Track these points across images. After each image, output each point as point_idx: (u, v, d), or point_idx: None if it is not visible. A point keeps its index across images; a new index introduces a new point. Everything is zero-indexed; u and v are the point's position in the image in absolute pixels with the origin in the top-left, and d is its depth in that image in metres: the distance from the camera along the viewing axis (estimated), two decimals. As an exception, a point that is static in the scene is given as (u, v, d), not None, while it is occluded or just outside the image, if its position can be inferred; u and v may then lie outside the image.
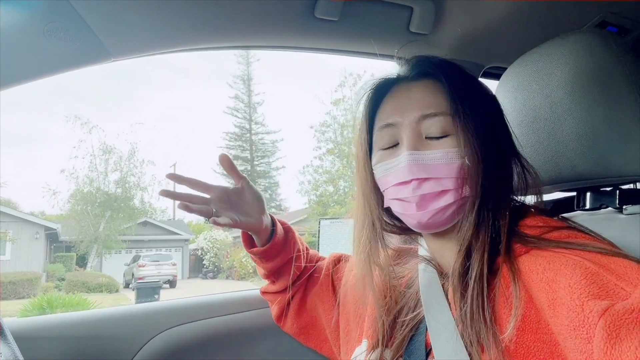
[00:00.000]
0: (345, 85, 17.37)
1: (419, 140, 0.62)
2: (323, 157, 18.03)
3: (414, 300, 0.68)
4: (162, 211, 20.02)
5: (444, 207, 0.61)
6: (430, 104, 0.63)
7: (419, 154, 0.61)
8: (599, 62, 0.66)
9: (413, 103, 0.63)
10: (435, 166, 0.60)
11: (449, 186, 0.60)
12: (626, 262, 0.51)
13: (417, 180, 0.61)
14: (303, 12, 0.86)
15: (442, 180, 0.60)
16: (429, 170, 0.60)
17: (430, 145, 0.62)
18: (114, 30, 0.76)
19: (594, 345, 0.45)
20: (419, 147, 0.61)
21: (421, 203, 0.61)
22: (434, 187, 0.60)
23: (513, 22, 0.95)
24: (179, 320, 0.95)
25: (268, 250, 0.86)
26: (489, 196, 0.60)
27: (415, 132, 0.62)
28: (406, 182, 0.61)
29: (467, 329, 0.56)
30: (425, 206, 0.61)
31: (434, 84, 0.64)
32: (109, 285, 13.06)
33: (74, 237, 15.98)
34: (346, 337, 0.80)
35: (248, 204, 0.84)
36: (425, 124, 0.62)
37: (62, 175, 16.69)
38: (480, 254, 0.59)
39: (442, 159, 0.60)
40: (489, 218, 0.60)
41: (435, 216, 0.61)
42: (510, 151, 0.66)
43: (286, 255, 0.89)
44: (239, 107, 23.33)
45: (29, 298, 10.06)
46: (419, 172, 0.60)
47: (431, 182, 0.60)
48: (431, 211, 0.61)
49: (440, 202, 0.61)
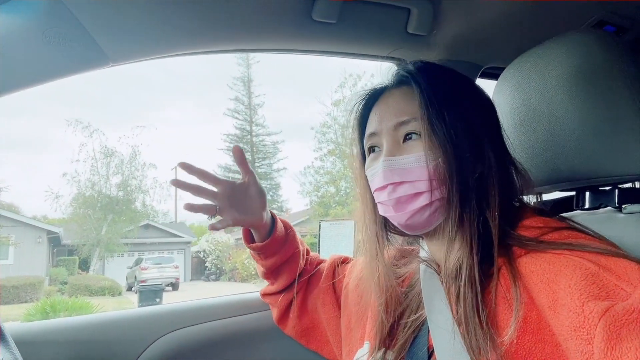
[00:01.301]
0: (345, 86, 17.40)
1: (396, 146, 0.65)
2: (324, 158, 18.07)
3: (417, 302, 0.68)
4: (164, 214, 20.05)
5: (420, 209, 0.63)
6: (404, 111, 0.65)
7: (393, 160, 0.64)
8: (597, 61, 0.67)
9: (390, 111, 0.66)
10: (408, 170, 0.63)
11: (422, 188, 0.62)
12: (626, 262, 0.51)
13: (392, 185, 0.64)
14: (300, 15, 0.86)
15: (415, 183, 0.62)
16: (402, 175, 0.63)
17: (405, 150, 0.64)
18: (112, 35, 0.77)
19: (594, 346, 0.46)
20: (394, 153, 0.64)
21: (397, 205, 0.64)
22: (408, 190, 0.63)
23: (511, 23, 0.95)
24: (181, 324, 0.96)
25: (267, 246, 0.87)
26: (469, 196, 0.61)
27: (392, 139, 0.65)
28: (383, 187, 0.64)
29: (464, 331, 0.56)
30: (402, 208, 0.63)
31: (408, 90, 0.66)
32: (112, 288, 13.07)
33: (77, 241, 16.00)
34: (348, 339, 0.80)
35: (251, 198, 0.85)
36: (401, 130, 0.65)
37: (64, 178, 16.73)
38: (467, 254, 0.59)
39: (414, 162, 0.62)
40: (473, 218, 0.61)
41: (414, 217, 0.64)
42: (498, 151, 0.65)
43: (286, 252, 0.89)
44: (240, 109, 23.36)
45: (32, 302, 10.08)
46: (393, 176, 0.63)
47: (405, 185, 0.63)
48: (408, 212, 0.63)
49: (415, 204, 0.63)
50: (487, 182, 0.62)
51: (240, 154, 0.84)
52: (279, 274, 0.91)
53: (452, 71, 0.69)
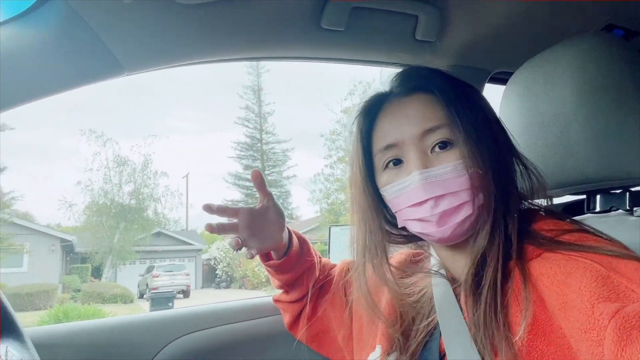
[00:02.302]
0: (354, 93, 17.42)
1: (425, 157, 0.61)
2: (334, 165, 18.06)
3: (428, 307, 0.68)
4: (175, 222, 20.17)
5: (463, 220, 0.60)
6: (429, 118, 0.62)
7: (429, 172, 0.60)
8: (605, 65, 0.67)
9: (411, 119, 0.62)
10: (448, 181, 0.59)
11: (465, 198, 0.59)
12: (637, 264, 0.51)
13: (433, 199, 0.60)
14: (309, 24, 0.87)
15: (458, 194, 0.59)
16: (443, 187, 0.59)
17: (436, 160, 0.61)
18: (126, 45, 0.79)
19: (604, 348, 0.45)
20: (426, 164, 0.60)
21: (440, 220, 0.60)
22: (452, 202, 0.59)
23: (518, 27, 0.95)
24: (192, 328, 0.96)
25: (284, 263, 0.87)
26: (499, 202, 0.60)
27: (419, 149, 0.61)
28: (422, 202, 0.60)
29: (479, 334, 0.56)
30: (445, 222, 0.60)
31: (427, 96, 0.63)
32: (124, 295, 13.14)
33: (89, 249, 16.15)
34: (359, 343, 0.80)
35: (271, 223, 0.84)
36: (428, 138, 0.61)
37: (77, 187, 16.94)
38: (495, 261, 0.59)
39: (452, 172, 0.59)
40: (502, 224, 0.60)
41: (456, 229, 0.60)
42: (510, 152, 0.65)
43: (301, 267, 0.89)
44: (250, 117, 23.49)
45: (46, 309, 10.18)
46: (434, 190, 0.59)
47: (448, 197, 0.59)
48: (452, 226, 0.60)
49: (459, 216, 0.60)
50: (510, 187, 0.62)
51: (259, 178, 0.83)
52: (294, 287, 0.91)
53: (457, 78, 0.68)
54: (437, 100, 0.62)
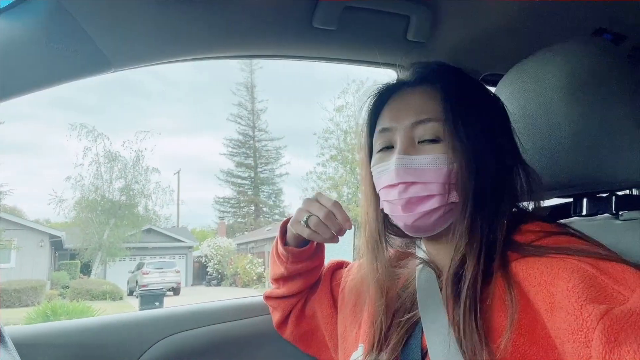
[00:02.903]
0: (347, 92, 17.43)
1: (411, 145, 0.64)
2: (326, 163, 18.06)
3: (410, 301, 0.68)
4: (166, 218, 20.05)
5: (430, 212, 0.62)
6: (424, 110, 0.64)
7: (408, 159, 0.62)
8: (594, 69, 0.67)
9: (409, 109, 0.65)
10: (423, 171, 0.62)
11: (435, 191, 0.61)
12: (624, 266, 0.52)
13: (403, 184, 0.62)
14: (301, 22, 0.87)
15: (428, 185, 0.61)
16: (416, 175, 0.62)
17: (421, 150, 0.63)
18: (114, 41, 0.78)
19: (592, 349, 0.46)
20: (410, 152, 0.63)
21: (406, 206, 0.62)
22: (420, 191, 0.62)
23: (509, 30, 0.95)
24: (180, 327, 0.96)
25: (302, 253, 0.83)
26: (484, 202, 0.61)
27: (407, 137, 0.64)
28: (394, 185, 0.63)
29: (460, 334, 0.56)
30: (411, 209, 0.62)
31: (430, 89, 0.65)
32: (113, 292, 13.06)
33: (79, 245, 16.02)
34: (343, 342, 0.80)
35: None
36: (419, 129, 0.64)
37: (67, 182, 16.77)
38: (474, 261, 0.59)
39: (430, 164, 0.61)
40: (485, 225, 0.60)
41: (421, 219, 0.63)
42: (512, 157, 0.66)
43: (313, 262, 0.87)
44: (243, 114, 23.43)
45: (34, 306, 10.09)
46: (406, 176, 0.62)
47: (417, 186, 0.62)
48: (416, 214, 0.62)
49: (425, 206, 0.62)
50: (501, 188, 0.62)
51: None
52: (295, 281, 0.88)
53: (466, 74, 0.69)
54: (437, 94, 0.64)
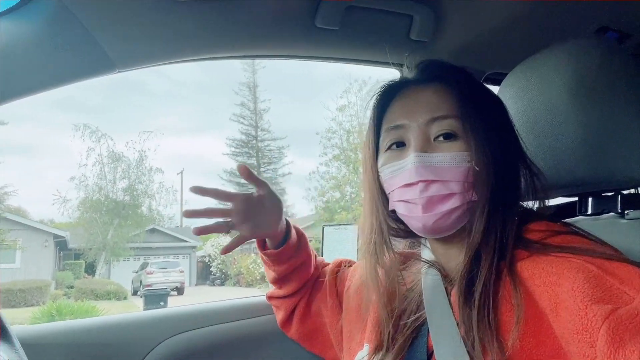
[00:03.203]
0: (350, 91, 17.40)
1: (427, 142, 0.62)
2: (329, 163, 18.04)
3: (416, 303, 0.68)
4: (170, 218, 20.09)
5: (450, 211, 0.61)
6: (439, 107, 0.63)
7: (427, 156, 0.61)
8: (599, 68, 0.67)
9: (422, 106, 0.64)
10: (443, 169, 0.60)
11: (456, 189, 0.60)
12: (629, 267, 0.51)
13: (423, 182, 0.60)
14: (304, 22, 0.87)
15: (449, 183, 0.60)
16: (436, 173, 0.60)
17: (438, 147, 0.62)
18: (118, 42, 0.78)
19: (597, 350, 0.46)
20: (427, 149, 0.61)
21: (427, 205, 0.60)
22: (441, 189, 0.60)
23: (513, 29, 0.95)
24: (184, 327, 0.96)
25: (281, 253, 0.86)
26: (499, 201, 0.60)
27: (423, 134, 0.62)
28: (413, 184, 0.61)
29: (470, 333, 0.56)
30: (431, 209, 0.60)
31: (442, 87, 0.65)
32: (117, 292, 13.11)
33: (83, 245, 16.07)
34: (349, 341, 0.80)
35: (268, 210, 0.83)
36: (434, 126, 0.62)
37: (72, 183, 16.84)
38: (489, 260, 0.58)
39: (450, 161, 0.60)
40: (499, 224, 0.60)
41: (441, 220, 0.61)
42: (518, 155, 0.66)
43: (298, 259, 0.89)
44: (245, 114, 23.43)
45: (39, 306, 10.14)
46: (426, 174, 0.60)
47: (438, 184, 0.60)
48: (437, 214, 0.60)
49: (446, 205, 0.60)
50: (513, 187, 0.62)
51: (246, 171, 0.79)
52: (289, 280, 0.90)
53: (475, 78, 0.69)
54: (451, 92, 0.63)
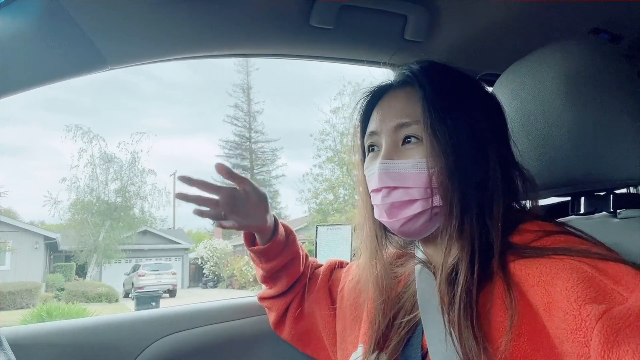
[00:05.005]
0: (344, 93, 17.43)
1: (395, 148, 0.64)
2: (323, 165, 18.05)
3: (411, 303, 0.68)
4: (162, 220, 19.95)
5: (414, 216, 0.62)
6: (407, 113, 0.63)
7: (390, 163, 0.62)
8: (592, 68, 0.67)
9: (393, 111, 0.65)
10: (404, 175, 0.61)
11: (417, 196, 0.61)
12: (622, 267, 0.51)
13: (386, 189, 0.62)
14: (298, 21, 0.87)
15: (409, 190, 0.61)
16: (397, 179, 0.62)
17: (403, 154, 0.63)
18: (110, 39, 0.77)
19: (591, 349, 0.46)
20: (393, 156, 0.63)
21: (390, 211, 0.63)
22: (402, 196, 0.61)
23: (507, 30, 0.95)
24: (176, 328, 0.95)
25: (268, 250, 0.86)
26: (470, 205, 0.60)
27: (392, 141, 0.64)
28: (378, 190, 0.63)
29: (457, 336, 0.56)
30: (395, 214, 0.62)
31: (413, 90, 0.64)
32: (109, 295, 13.00)
33: (74, 247, 15.94)
34: (342, 342, 0.79)
35: (253, 204, 0.84)
36: (402, 132, 0.63)
37: (63, 184, 16.69)
38: (466, 264, 0.58)
39: (412, 168, 0.61)
40: (475, 227, 0.59)
41: (407, 225, 0.62)
42: (505, 157, 0.64)
43: (286, 256, 0.89)
44: (239, 115, 23.40)
45: (29, 308, 10.02)
46: (388, 180, 0.62)
47: (400, 191, 0.62)
48: (401, 219, 0.62)
49: (408, 211, 0.61)
50: (491, 189, 0.61)
51: (225, 171, 0.80)
52: (278, 278, 0.90)
53: (459, 72, 0.68)
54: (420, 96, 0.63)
